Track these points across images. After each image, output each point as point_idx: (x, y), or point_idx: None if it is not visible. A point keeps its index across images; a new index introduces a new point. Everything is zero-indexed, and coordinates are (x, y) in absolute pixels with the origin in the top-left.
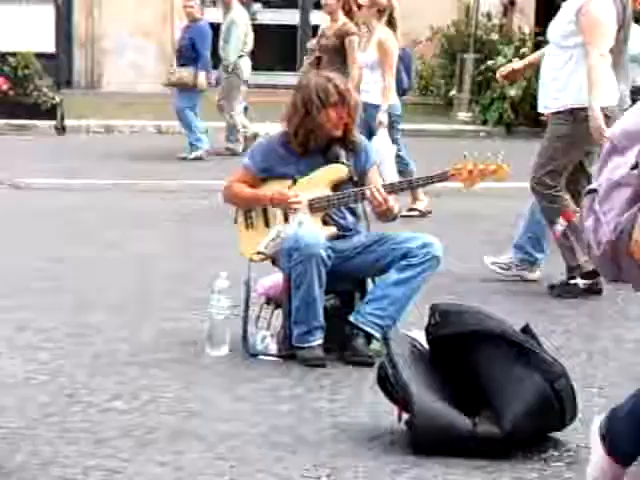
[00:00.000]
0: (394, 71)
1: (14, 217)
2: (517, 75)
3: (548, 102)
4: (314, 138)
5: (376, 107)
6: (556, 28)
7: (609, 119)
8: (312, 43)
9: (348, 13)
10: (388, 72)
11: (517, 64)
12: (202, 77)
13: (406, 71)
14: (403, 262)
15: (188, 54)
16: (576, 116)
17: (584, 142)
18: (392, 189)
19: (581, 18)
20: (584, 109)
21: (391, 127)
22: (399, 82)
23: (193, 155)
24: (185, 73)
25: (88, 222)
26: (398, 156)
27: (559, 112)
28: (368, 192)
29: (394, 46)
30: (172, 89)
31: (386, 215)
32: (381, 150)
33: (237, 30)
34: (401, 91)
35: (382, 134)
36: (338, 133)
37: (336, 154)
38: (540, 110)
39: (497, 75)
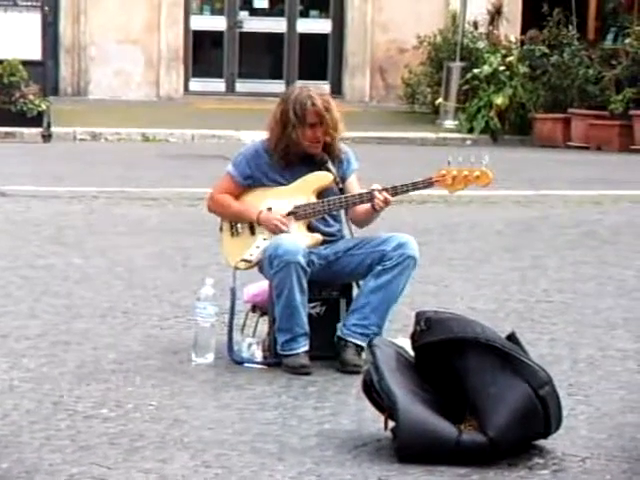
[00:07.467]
0: None
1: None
2: None
3: None
4: (292, 153)
5: None
6: None
7: None
8: None
9: None
10: None
11: None
12: None
13: None
14: (378, 267)
15: None
16: None
17: None
18: None
19: None
20: None
21: None
22: None
23: None
24: None
25: (73, 229)
26: None
27: None
28: (377, 194)
29: None
30: None
31: (370, 220)
32: None
33: None
34: None
35: None
36: (315, 151)
37: (323, 160)
38: None
39: None
